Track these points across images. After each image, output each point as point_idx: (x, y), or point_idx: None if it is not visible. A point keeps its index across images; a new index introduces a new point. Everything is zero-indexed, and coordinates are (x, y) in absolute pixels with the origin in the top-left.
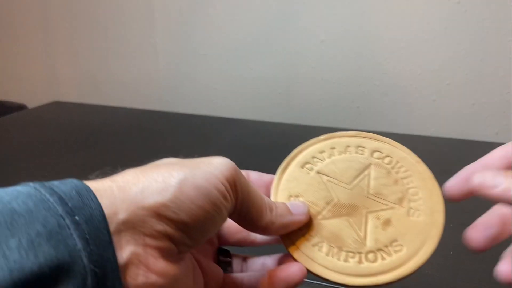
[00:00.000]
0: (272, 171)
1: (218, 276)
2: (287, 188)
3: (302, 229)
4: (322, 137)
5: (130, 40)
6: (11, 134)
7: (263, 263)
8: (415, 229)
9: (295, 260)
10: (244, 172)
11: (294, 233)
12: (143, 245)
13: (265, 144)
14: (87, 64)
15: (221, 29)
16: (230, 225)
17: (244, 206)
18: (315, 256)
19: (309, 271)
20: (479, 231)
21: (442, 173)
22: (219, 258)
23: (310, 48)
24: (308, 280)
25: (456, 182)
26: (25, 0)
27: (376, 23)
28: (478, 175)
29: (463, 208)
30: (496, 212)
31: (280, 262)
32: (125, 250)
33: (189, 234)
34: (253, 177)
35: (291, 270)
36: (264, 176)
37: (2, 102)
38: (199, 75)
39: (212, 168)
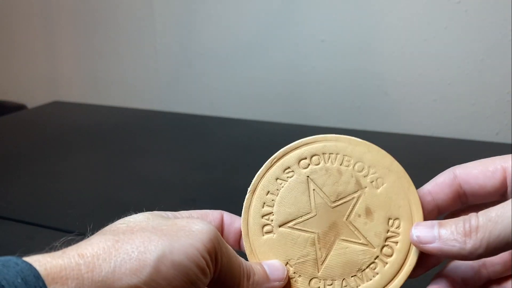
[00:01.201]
0: None
1: None
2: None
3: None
4: (248, 194)
5: (130, 40)
6: (11, 134)
7: None
8: (392, 196)
9: None
10: (217, 214)
11: None
12: None
13: (265, 144)
14: (87, 64)
15: (221, 29)
16: None
17: (221, 276)
18: None
19: None
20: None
21: None
22: None
23: (310, 48)
24: None
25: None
26: (25, 0)
27: (376, 23)
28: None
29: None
30: None
31: None
32: None
33: None
34: (226, 220)
35: None
36: (236, 222)
37: (2, 102)
38: (199, 75)
39: (193, 239)
